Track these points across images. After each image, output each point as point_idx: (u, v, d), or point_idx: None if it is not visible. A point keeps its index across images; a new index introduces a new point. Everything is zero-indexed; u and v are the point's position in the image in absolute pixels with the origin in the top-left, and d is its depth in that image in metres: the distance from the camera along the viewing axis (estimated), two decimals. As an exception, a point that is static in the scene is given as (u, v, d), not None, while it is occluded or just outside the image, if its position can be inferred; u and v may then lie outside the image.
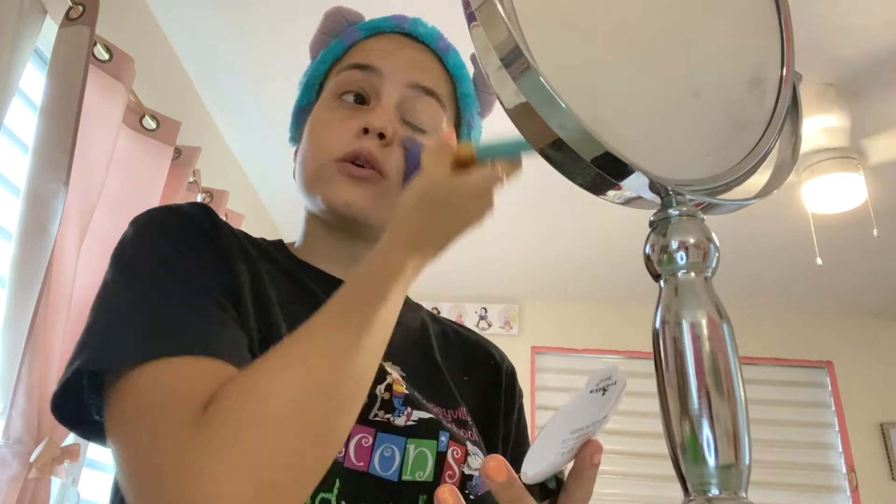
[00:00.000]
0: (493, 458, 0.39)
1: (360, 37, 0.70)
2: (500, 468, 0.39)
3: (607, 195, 0.51)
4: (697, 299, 0.46)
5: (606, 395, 0.41)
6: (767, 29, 0.62)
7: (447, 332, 0.74)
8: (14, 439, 1.15)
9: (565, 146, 0.46)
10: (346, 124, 0.64)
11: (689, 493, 0.43)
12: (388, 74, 0.65)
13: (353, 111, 0.65)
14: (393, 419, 0.57)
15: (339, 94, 0.66)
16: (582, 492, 0.44)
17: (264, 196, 2.69)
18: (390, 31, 0.70)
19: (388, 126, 0.62)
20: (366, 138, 0.62)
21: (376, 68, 0.65)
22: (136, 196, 1.53)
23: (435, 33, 0.71)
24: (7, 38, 1.16)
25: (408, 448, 0.56)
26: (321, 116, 0.66)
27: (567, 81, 0.45)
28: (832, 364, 3.29)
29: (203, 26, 1.86)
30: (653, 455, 3.02)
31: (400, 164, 0.64)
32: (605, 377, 0.41)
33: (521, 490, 0.40)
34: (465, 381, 0.68)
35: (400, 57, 0.67)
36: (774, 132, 0.58)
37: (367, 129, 0.62)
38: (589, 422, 0.41)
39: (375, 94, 0.65)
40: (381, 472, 0.54)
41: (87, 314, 0.53)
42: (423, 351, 0.68)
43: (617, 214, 1.67)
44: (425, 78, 0.67)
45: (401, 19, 0.70)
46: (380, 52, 0.67)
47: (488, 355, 0.75)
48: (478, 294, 3.44)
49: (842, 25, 1.75)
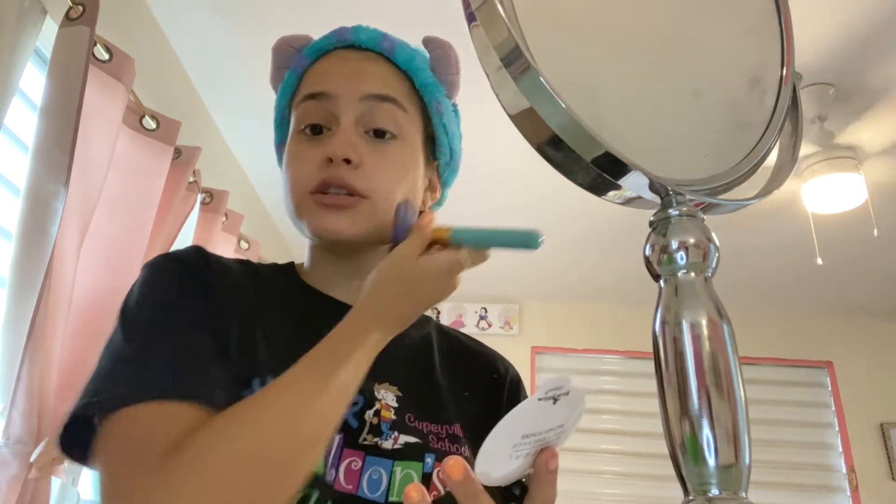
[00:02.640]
0: (452, 458, 0.42)
1: (308, 63, 0.71)
2: (457, 467, 0.41)
3: (607, 195, 0.51)
4: (697, 299, 0.46)
5: (558, 405, 0.42)
6: (767, 29, 0.62)
7: (453, 346, 0.76)
8: (14, 439, 1.15)
9: (565, 146, 0.46)
10: (310, 156, 0.66)
11: (689, 493, 0.43)
12: (339, 95, 0.66)
13: (316, 142, 0.66)
14: (381, 443, 0.60)
15: (301, 128, 0.68)
16: (542, 496, 0.46)
17: (264, 196, 2.69)
18: (334, 48, 0.71)
19: (349, 150, 0.64)
20: (332, 166, 0.64)
21: (326, 93, 0.67)
22: (136, 196, 1.53)
23: (377, 36, 0.71)
24: (7, 38, 1.15)
25: (394, 470, 0.59)
26: (291, 152, 0.69)
27: (567, 81, 0.45)
28: (832, 364, 3.29)
29: (203, 26, 1.86)
30: (653, 455, 3.02)
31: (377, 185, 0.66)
32: (554, 386, 0.41)
33: (477, 488, 0.42)
34: (465, 396, 0.70)
35: (346, 73, 0.68)
36: (774, 132, 0.58)
37: (332, 159, 0.64)
38: (541, 429, 0.42)
39: (334, 119, 0.66)
40: (370, 494, 0.57)
41: (87, 314, 0.58)
42: (424, 368, 0.71)
43: (617, 214, 1.66)
44: (375, 86, 0.67)
45: (342, 32, 0.71)
46: (326, 75, 0.69)
47: (492, 369, 0.76)
48: (478, 294, 3.44)
49: (842, 25, 1.75)
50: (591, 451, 3.12)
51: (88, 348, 1.32)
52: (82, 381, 0.54)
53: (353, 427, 0.60)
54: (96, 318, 1.35)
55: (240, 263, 0.69)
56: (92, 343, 1.33)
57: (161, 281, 0.60)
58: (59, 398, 1.23)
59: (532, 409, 0.41)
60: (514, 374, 0.77)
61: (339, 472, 0.57)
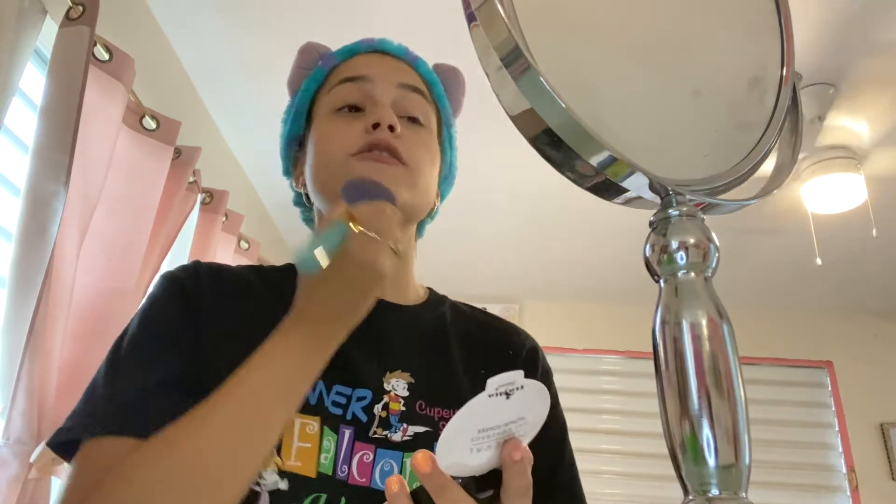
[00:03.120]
0: (420, 451, 0.42)
1: (337, 61, 0.75)
2: (424, 460, 0.42)
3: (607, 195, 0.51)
4: (697, 299, 0.46)
5: (512, 399, 0.42)
6: (767, 29, 0.62)
7: (469, 325, 0.76)
8: (14, 439, 1.15)
9: (565, 146, 0.46)
10: (353, 125, 0.67)
11: (688, 493, 0.43)
12: (378, 79, 0.70)
13: (355, 118, 0.68)
14: (390, 435, 0.61)
15: (337, 108, 0.70)
16: (516, 485, 0.46)
17: (264, 196, 2.69)
18: (364, 52, 0.75)
19: (395, 120, 0.66)
20: (377, 131, 0.65)
21: (366, 76, 0.70)
22: (136, 196, 1.53)
23: (403, 48, 0.76)
24: (7, 38, 1.15)
25: (405, 461, 0.60)
26: (325, 130, 0.70)
27: (567, 81, 0.45)
28: (832, 364, 3.29)
29: (203, 26, 1.86)
30: (653, 455, 3.02)
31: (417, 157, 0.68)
32: (505, 382, 0.42)
33: (444, 480, 0.42)
34: (482, 374, 0.70)
35: (383, 63, 0.73)
36: (774, 132, 0.58)
37: (377, 124, 0.65)
38: (498, 422, 0.43)
39: (370, 100, 0.69)
40: (383, 485, 0.58)
41: (87, 314, 0.61)
42: (437, 351, 0.70)
43: (617, 214, 1.67)
44: (410, 79, 0.72)
45: (370, 41, 0.76)
46: (364, 64, 0.72)
47: (508, 344, 0.77)
48: (478, 294, 3.43)
49: (842, 24, 1.75)
50: (591, 451, 3.12)
51: (88, 348, 1.32)
52: (82, 381, 0.56)
53: (363, 421, 0.61)
54: (96, 318, 1.35)
55: (249, 270, 0.70)
56: (92, 343, 1.33)
57: (150, 306, 0.63)
58: (59, 398, 1.23)
59: (482, 405, 0.42)
60: (532, 346, 0.78)
61: (352, 466, 0.58)
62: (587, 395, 3.26)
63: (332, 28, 1.81)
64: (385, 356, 0.65)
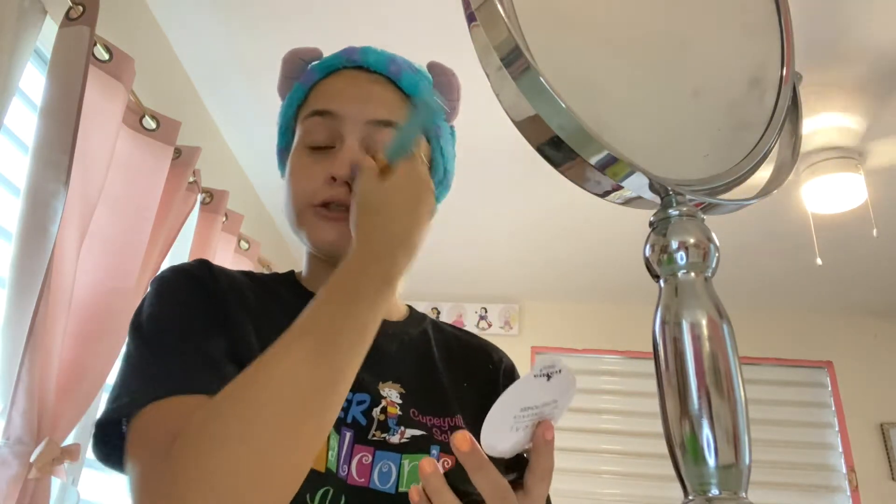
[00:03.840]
0: (460, 431, 0.46)
1: (316, 78, 0.74)
2: (464, 439, 0.46)
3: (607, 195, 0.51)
4: (697, 299, 0.46)
5: (551, 382, 0.46)
6: (767, 29, 0.62)
7: (450, 340, 0.79)
8: (14, 439, 1.15)
9: (565, 146, 0.46)
10: (314, 171, 0.69)
11: (688, 493, 0.43)
12: (346, 116, 0.69)
13: (321, 157, 0.69)
14: (388, 438, 0.63)
15: (306, 143, 0.71)
16: (543, 466, 0.49)
17: (264, 196, 2.69)
18: (343, 67, 0.74)
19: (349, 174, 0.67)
20: (335, 185, 0.67)
21: (334, 113, 0.70)
22: (136, 196, 1.53)
23: (385, 58, 0.74)
24: (7, 38, 1.15)
25: (403, 463, 0.62)
26: (294, 164, 0.72)
27: (567, 81, 0.45)
28: (832, 364, 3.29)
29: (203, 26, 1.86)
30: (653, 455, 3.02)
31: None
32: (548, 364, 0.46)
33: (483, 458, 0.46)
34: (465, 387, 0.73)
35: (354, 95, 0.71)
36: (774, 132, 0.58)
37: (335, 178, 0.67)
38: (537, 402, 0.47)
39: (338, 137, 0.70)
40: (381, 486, 0.60)
41: (87, 314, 0.60)
42: (424, 364, 0.73)
43: (617, 214, 1.67)
44: (381, 111, 0.70)
45: (351, 52, 0.74)
46: (336, 95, 0.72)
47: (487, 359, 0.79)
48: (478, 294, 3.44)
49: (842, 24, 1.75)
50: (591, 451, 3.12)
51: (88, 348, 1.32)
52: (82, 381, 0.55)
53: (363, 424, 0.63)
54: (96, 318, 1.35)
55: (242, 274, 0.72)
56: (92, 343, 1.33)
57: (171, 293, 0.62)
58: (59, 398, 1.23)
59: (529, 384, 0.46)
60: (508, 363, 0.80)
61: (351, 467, 0.60)
62: (587, 395, 3.26)
63: (331, 27, 1.81)
64: (378, 367, 0.66)
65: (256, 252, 2.31)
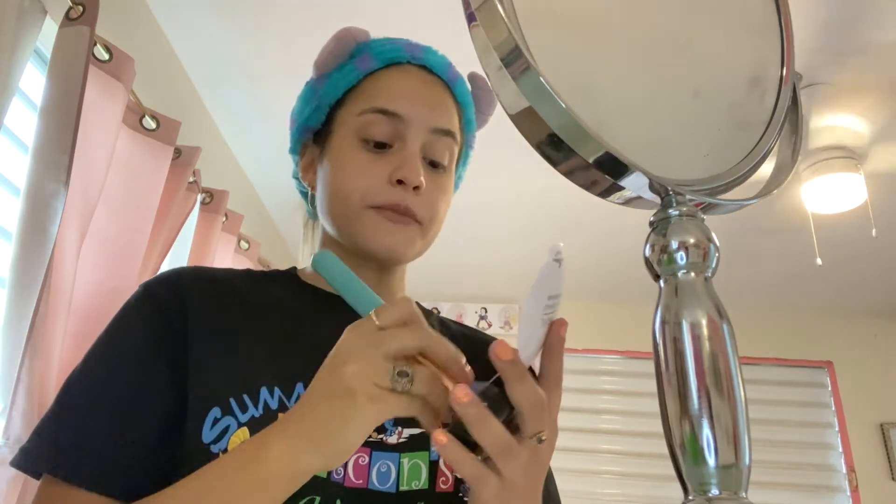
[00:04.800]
0: (499, 341, 0.45)
1: (375, 66, 0.71)
2: (506, 348, 0.44)
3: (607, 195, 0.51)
4: (697, 299, 0.46)
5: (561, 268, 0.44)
6: (767, 29, 0.62)
7: (457, 337, 0.77)
8: (14, 439, 1.15)
9: (565, 146, 0.46)
10: (376, 169, 0.67)
11: (688, 493, 0.43)
12: (413, 121, 0.68)
13: (380, 157, 0.68)
14: (385, 438, 0.61)
15: (363, 137, 0.68)
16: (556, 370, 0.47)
17: (264, 196, 2.69)
18: (407, 62, 0.72)
19: (421, 179, 0.66)
20: (400, 188, 0.66)
21: (401, 116, 0.68)
22: (136, 196, 1.53)
23: (446, 63, 0.74)
24: (7, 38, 1.15)
25: (402, 462, 0.60)
26: (348, 157, 0.69)
27: (567, 81, 0.45)
28: (832, 364, 3.29)
29: (203, 26, 1.86)
30: (653, 455, 3.02)
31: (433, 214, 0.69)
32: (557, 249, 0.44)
33: (524, 368, 0.44)
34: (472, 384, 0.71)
35: (421, 100, 0.70)
36: (774, 132, 0.58)
37: (403, 181, 0.66)
38: (556, 291, 0.45)
39: (400, 139, 0.68)
40: (380, 486, 0.58)
41: (87, 314, 0.59)
42: None
43: (617, 215, 1.67)
44: (444, 120, 0.70)
45: (413, 48, 0.72)
46: (402, 96, 0.69)
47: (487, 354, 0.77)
48: (478, 294, 3.44)
49: (842, 24, 1.75)
50: (591, 451, 3.12)
51: (88, 348, 1.31)
52: None
53: None
54: (96, 318, 1.35)
55: (239, 274, 0.70)
56: (92, 343, 1.33)
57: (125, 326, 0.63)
58: (59, 398, 1.23)
59: (549, 271, 0.44)
60: None
61: (347, 468, 0.58)
62: (587, 395, 3.26)
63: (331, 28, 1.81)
64: None
65: (256, 252, 2.31)
